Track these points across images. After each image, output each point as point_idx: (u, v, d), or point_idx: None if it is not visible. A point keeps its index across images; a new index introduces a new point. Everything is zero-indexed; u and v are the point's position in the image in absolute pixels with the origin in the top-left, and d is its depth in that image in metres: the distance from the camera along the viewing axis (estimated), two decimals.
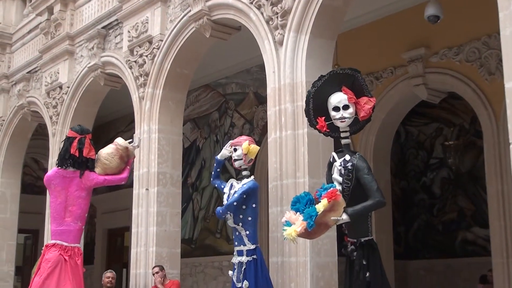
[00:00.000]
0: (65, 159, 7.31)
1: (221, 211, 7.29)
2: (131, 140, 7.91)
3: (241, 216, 7.27)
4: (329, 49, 8.04)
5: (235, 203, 7.21)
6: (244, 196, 7.23)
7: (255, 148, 7.48)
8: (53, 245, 7.16)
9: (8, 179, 14.88)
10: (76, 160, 7.24)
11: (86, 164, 7.29)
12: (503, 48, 4.77)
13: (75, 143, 7.27)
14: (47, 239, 12.14)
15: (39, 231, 17.09)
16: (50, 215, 7.45)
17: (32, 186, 18.59)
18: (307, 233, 5.52)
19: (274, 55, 8.08)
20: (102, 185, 7.47)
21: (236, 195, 7.25)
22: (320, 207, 5.40)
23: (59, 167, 7.35)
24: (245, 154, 7.44)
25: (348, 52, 10.79)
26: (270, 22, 8.24)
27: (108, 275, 9.66)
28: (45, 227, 12.39)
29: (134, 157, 8.06)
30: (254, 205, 7.32)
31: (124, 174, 7.49)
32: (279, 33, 8.08)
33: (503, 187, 9.92)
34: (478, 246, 12.70)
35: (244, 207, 7.26)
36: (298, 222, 5.48)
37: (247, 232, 7.27)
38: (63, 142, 7.58)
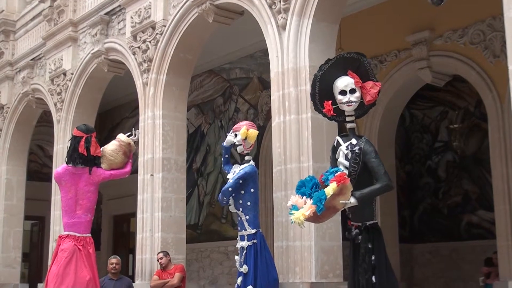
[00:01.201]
0: (73, 157, 7.65)
1: (219, 197, 7.34)
2: (129, 133, 8.11)
3: (240, 201, 7.30)
4: (333, 33, 8.02)
5: (230, 189, 7.24)
6: (240, 181, 7.24)
7: (253, 132, 7.47)
8: (67, 236, 7.63)
9: (14, 166, 14.92)
10: (84, 158, 7.61)
11: (93, 161, 7.67)
12: (506, 30, 4.74)
13: (82, 142, 7.62)
14: (54, 226, 12.23)
15: (45, 218, 17.15)
16: (62, 209, 7.87)
17: (38, 173, 18.63)
18: (315, 217, 5.51)
19: (277, 39, 8.06)
20: (108, 179, 7.86)
21: (231, 180, 7.26)
22: (330, 190, 5.38)
23: (68, 164, 7.69)
24: (244, 139, 7.44)
25: (351, 36, 10.75)
26: (273, 6, 8.21)
27: (113, 261, 9.69)
28: (51, 214, 12.45)
29: (134, 150, 8.23)
30: (252, 190, 7.32)
31: (127, 168, 7.91)
32: (282, 17, 8.05)
33: (508, 170, 9.90)
34: (483, 229, 12.69)
35: (242, 192, 7.28)
36: (307, 206, 5.46)
37: (247, 217, 7.29)
38: (69, 141, 7.90)
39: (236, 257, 7.43)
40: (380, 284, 5.48)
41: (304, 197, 5.56)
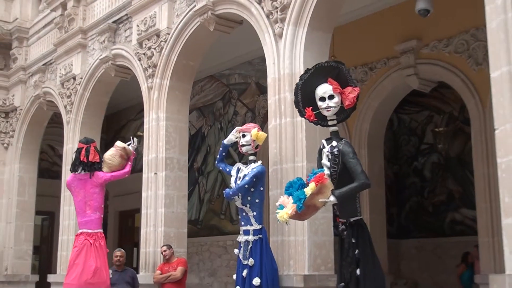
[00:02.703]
0: (76, 165, 8.57)
1: (231, 192, 7.31)
2: (130, 142, 8.88)
3: (249, 198, 7.29)
4: (326, 42, 8.03)
5: (246, 186, 7.24)
6: (254, 179, 7.26)
7: (263, 135, 7.53)
8: (81, 233, 8.43)
9: (26, 164, 14.93)
10: (85, 165, 8.46)
11: (93, 167, 8.47)
12: (489, 40, 4.76)
13: (83, 152, 8.50)
14: (63, 221, 12.25)
15: (55, 213, 17.13)
16: (76, 211, 8.68)
17: (48, 170, 18.59)
18: (297, 215, 5.59)
19: (274, 47, 8.07)
20: (110, 180, 8.57)
21: (247, 178, 7.26)
22: (308, 190, 5.48)
23: (73, 172, 8.59)
24: (254, 140, 7.47)
25: (343, 44, 10.77)
26: (270, 16, 8.22)
27: (117, 254, 9.71)
28: (61, 209, 12.45)
29: (135, 154, 8.89)
30: (261, 188, 7.37)
31: (126, 169, 8.62)
32: (278, 26, 8.07)
33: (489, 171, 9.92)
34: (466, 226, 12.71)
35: (252, 189, 7.29)
36: (289, 205, 5.55)
37: (254, 213, 7.31)
38: (75, 153, 8.78)
39: (236, 250, 7.44)
40: (364, 276, 5.52)
41: (290, 197, 5.63)
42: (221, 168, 7.94)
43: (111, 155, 8.55)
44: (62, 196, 12.43)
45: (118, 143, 8.73)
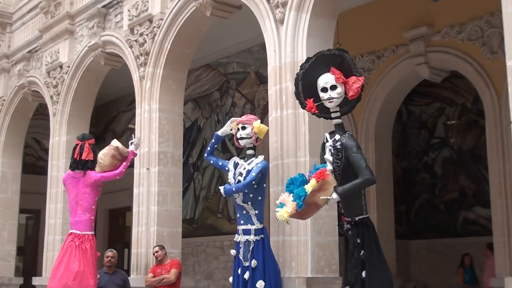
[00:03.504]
0: (71, 163, 8.64)
1: (233, 189, 7.26)
2: (132, 140, 8.82)
3: (251, 195, 7.27)
4: (330, 28, 8.01)
5: (253, 182, 7.21)
6: (260, 175, 7.25)
7: (265, 128, 7.50)
8: (70, 234, 8.50)
9: (9, 159, 14.90)
10: (78, 163, 8.51)
11: (86, 165, 8.50)
12: (505, 26, 4.75)
13: (77, 149, 8.55)
14: (49, 219, 12.26)
15: (40, 211, 17.13)
16: (69, 209, 8.79)
17: (34, 166, 18.57)
18: (298, 214, 5.59)
19: (275, 34, 8.05)
20: (100, 181, 8.55)
21: (253, 173, 7.22)
22: (309, 187, 5.47)
23: (70, 169, 8.65)
24: (255, 133, 7.44)
25: (349, 31, 10.75)
26: (271, 1, 8.20)
27: (108, 254, 9.70)
28: (47, 207, 12.44)
29: (135, 154, 8.78)
30: (264, 185, 7.36)
31: (118, 170, 8.53)
32: (280, 11, 8.05)
33: (504, 166, 9.93)
34: (480, 226, 12.73)
35: (255, 186, 7.27)
36: (289, 203, 5.55)
37: (256, 212, 7.29)
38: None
39: (233, 251, 7.43)
40: (370, 279, 5.51)
41: (291, 194, 5.63)
42: (212, 162, 7.89)
43: (103, 154, 8.55)
44: (48, 193, 12.42)
45: (113, 142, 8.69)
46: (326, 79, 5.84)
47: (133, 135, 9.06)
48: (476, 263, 12.08)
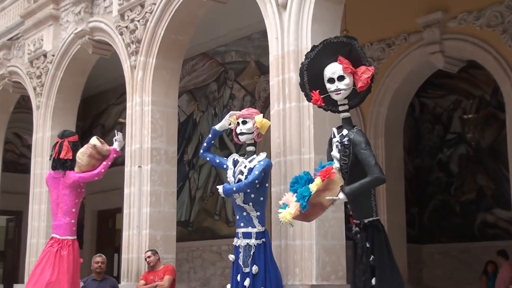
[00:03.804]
0: (52, 162, 8.67)
1: (234, 188, 7.21)
2: (116, 137, 8.79)
3: (253, 196, 7.23)
4: (337, 14, 8.00)
5: (256, 181, 7.18)
6: (263, 174, 7.23)
7: (267, 122, 7.46)
8: (51, 238, 8.53)
9: None
10: (58, 162, 8.55)
11: (65, 165, 8.53)
12: None
13: (57, 147, 8.59)
14: (32, 221, 12.27)
15: (22, 213, 17.13)
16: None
17: (15, 163, 18.58)
18: (302, 215, 5.58)
19: (277, 19, 8.04)
20: (78, 182, 8.54)
21: (257, 172, 7.18)
22: (314, 186, 5.45)
23: (51, 169, 8.70)
24: (257, 128, 7.41)
25: (357, 17, 10.76)
26: None
27: (98, 260, 9.69)
28: (29, 208, 12.43)
29: (118, 153, 8.76)
30: (267, 185, 7.34)
31: (96, 170, 8.53)
32: None
33: None
34: (499, 229, 12.74)
35: (258, 185, 7.25)
36: (293, 204, 5.54)
37: (258, 213, 7.26)
38: None
39: (231, 256, 7.41)
40: (380, 286, 5.51)
41: (295, 194, 5.62)
42: (208, 159, 7.85)
43: (81, 152, 8.54)
44: (31, 193, 12.42)
45: (92, 139, 8.67)
46: (333, 69, 5.82)
47: (116, 131, 8.99)
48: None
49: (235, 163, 7.51)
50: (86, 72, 12.49)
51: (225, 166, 7.60)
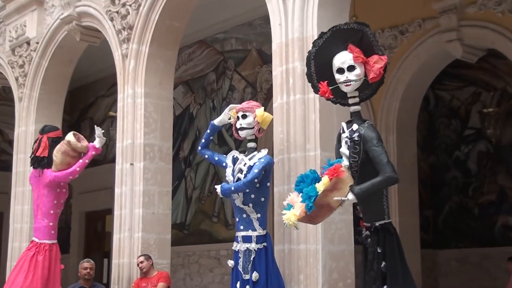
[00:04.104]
0: (31, 160, 8.88)
1: (232, 188, 7.20)
2: (97, 133, 8.93)
3: (253, 196, 7.23)
4: None
5: (256, 180, 7.17)
6: (263, 172, 7.22)
7: (269, 117, 7.45)
8: (31, 241, 8.73)
9: None
10: (35, 160, 8.75)
11: (41, 163, 8.69)
12: None
13: (36, 144, 8.77)
14: (14, 223, 12.30)
15: (3, 214, 17.14)
16: None
17: None
18: (308, 217, 5.58)
19: (281, 4, 8.03)
20: (54, 182, 8.63)
21: (256, 170, 7.18)
22: (321, 186, 5.45)
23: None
24: (258, 123, 7.40)
25: (367, 2, 10.75)
26: None
27: (86, 265, 9.70)
28: (11, 208, 12.43)
29: (97, 150, 8.86)
30: (268, 184, 7.32)
31: (70, 169, 8.61)
32: None
33: None
34: None
35: (258, 185, 7.23)
36: (298, 205, 5.53)
37: (258, 215, 7.25)
38: None
39: (230, 262, 7.42)
40: None
41: (301, 194, 5.61)
42: (206, 157, 7.86)
43: (56, 149, 8.66)
44: (13, 192, 12.42)
45: (68, 135, 8.78)
46: (342, 59, 5.80)
47: (95, 126, 9.01)
48: None
49: (235, 160, 7.51)
50: (74, 61, 12.49)
51: (224, 164, 7.60)
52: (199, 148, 7.91)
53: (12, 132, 13.50)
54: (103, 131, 8.92)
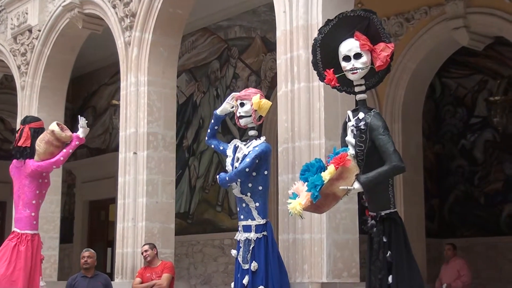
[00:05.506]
0: (12, 150, 8.83)
1: (227, 178, 7.22)
2: (80, 123, 8.79)
3: (250, 185, 7.23)
4: None
5: (247, 169, 7.16)
6: (257, 161, 7.19)
7: (266, 103, 7.39)
8: (12, 232, 8.70)
9: None
10: (17, 150, 8.69)
11: (24, 153, 8.65)
12: None
13: (17, 134, 8.78)
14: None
15: (6, 203, 17.17)
16: None
17: None
18: (313, 206, 5.57)
19: None
20: (37, 171, 8.59)
21: (248, 159, 7.17)
22: (327, 175, 5.44)
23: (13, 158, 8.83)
24: (255, 110, 7.37)
25: None
26: None
27: (84, 254, 9.67)
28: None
29: (81, 140, 8.73)
30: (266, 172, 7.28)
31: (54, 159, 8.55)
32: None
33: None
34: None
35: (254, 174, 7.22)
36: (303, 194, 5.53)
37: (257, 204, 7.25)
38: None
39: (233, 251, 7.41)
40: (398, 284, 5.50)
41: (306, 183, 5.61)
42: (213, 146, 7.85)
43: (39, 139, 8.64)
44: None
45: (51, 125, 8.75)
46: (349, 46, 5.78)
47: (79, 116, 8.98)
48: None
49: (235, 149, 7.48)
50: (76, 49, 12.48)
51: (227, 154, 7.60)
52: (206, 138, 7.91)
53: (15, 121, 13.51)
54: (86, 121, 8.89)
